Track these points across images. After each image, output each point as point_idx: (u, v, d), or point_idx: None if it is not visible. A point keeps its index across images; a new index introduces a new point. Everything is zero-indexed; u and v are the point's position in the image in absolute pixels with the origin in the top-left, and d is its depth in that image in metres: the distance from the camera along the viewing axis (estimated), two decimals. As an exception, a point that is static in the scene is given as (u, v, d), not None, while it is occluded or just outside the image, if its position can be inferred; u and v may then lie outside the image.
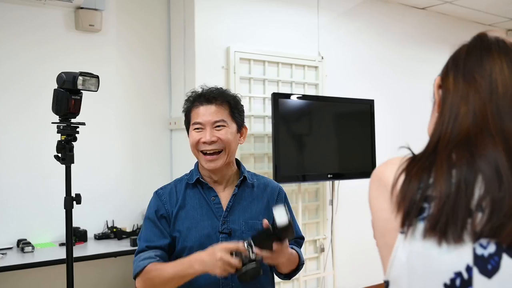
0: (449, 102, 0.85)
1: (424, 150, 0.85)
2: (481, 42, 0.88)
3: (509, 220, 0.73)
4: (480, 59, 0.85)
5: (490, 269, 0.73)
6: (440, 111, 0.87)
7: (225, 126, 1.65)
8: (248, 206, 1.69)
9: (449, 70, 0.89)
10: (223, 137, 1.63)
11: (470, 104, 0.83)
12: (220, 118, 1.65)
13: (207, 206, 1.66)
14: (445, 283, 0.76)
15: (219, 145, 1.63)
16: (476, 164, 0.77)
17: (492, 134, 0.79)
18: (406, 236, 0.79)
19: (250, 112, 3.80)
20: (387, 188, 0.83)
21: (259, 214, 1.68)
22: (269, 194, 1.74)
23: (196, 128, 1.67)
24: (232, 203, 1.68)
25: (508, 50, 0.85)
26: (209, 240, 1.61)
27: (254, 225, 1.66)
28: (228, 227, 1.64)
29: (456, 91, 0.85)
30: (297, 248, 1.76)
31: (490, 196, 0.74)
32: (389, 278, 0.82)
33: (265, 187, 1.75)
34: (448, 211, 0.75)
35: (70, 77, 1.99)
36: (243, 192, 1.70)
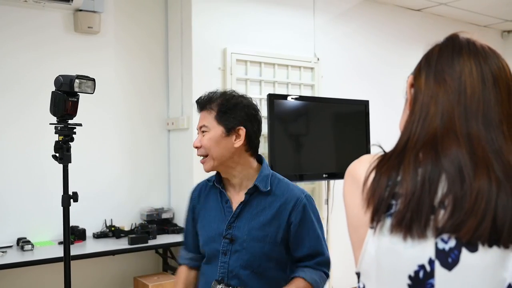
0: (420, 101, 0.88)
1: (394, 149, 0.88)
2: (453, 43, 0.91)
3: (469, 218, 0.77)
4: (451, 60, 0.88)
5: (451, 262, 0.78)
6: (411, 110, 0.90)
7: (207, 131, 1.67)
8: (257, 215, 1.65)
9: (422, 70, 0.91)
10: (203, 143, 1.66)
11: (439, 105, 0.86)
12: (202, 123, 1.68)
13: (220, 209, 1.70)
14: (410, 275, 0.81)
15: (202, 150, 1.67)
16: (441, 163, 0.81)
17: (458, 136, 0.82)
18: (375, 231, 0.83)
19: (247, 112, 3.85)
20: (359, 185, 0.87)
21: (265, 225, 1.64)
22: (282, 206, 1.65)
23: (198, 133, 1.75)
24: (240, 210, 1.66)
25: (477, 52, 0.88)
26: (214, 243, 1.67)
27: (258, 236, 1.63)
28: (232, 233, 1.65)
29: (427, 91, 0.88)
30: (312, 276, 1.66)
31: (452, 194, 0.79)
32: (360, 270, 0.88)
33: (282, 196, 1.66)
34: (413, 207, 0.79)
35: (67, 80, 2.05)
36: (254, 200, 1.66)
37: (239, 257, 1.63)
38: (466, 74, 0.86)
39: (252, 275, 1.62)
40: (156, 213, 3.72)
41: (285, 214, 1.64)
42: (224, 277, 1.63)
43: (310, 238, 1.67)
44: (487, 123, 0.83)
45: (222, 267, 1.64)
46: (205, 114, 1.69)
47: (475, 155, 0.80)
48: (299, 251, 1.67)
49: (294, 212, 1.64)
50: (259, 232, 1.62)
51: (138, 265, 3.71)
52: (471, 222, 0.77)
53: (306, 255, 1.67)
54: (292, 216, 1.64)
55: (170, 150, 3.98)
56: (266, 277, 1.64)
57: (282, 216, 1.64)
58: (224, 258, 1.64)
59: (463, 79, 0.86)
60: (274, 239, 1.63)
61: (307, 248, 1.67)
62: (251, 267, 1.62)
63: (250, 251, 1.62)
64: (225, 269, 1.64)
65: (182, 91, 3.80)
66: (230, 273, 1.63)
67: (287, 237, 1.65)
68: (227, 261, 1.63)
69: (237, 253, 1.63)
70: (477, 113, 0.84)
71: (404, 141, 0.87)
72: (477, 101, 0.84)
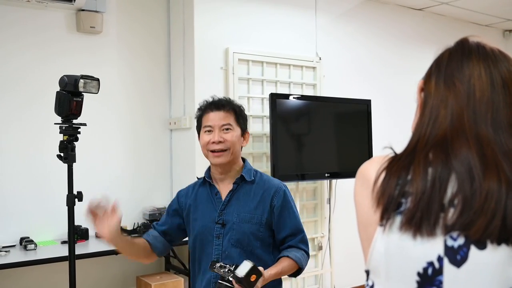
0: (430, 105, 0.90)
1: (404, 150, 0.90)
2: (463, 47, 0.92)
3: (479, 217, 0.78)
4: (460, 65, 0.89)
5: (459, 259, 0.79)
6: (421, 113, 0.92)
7: (231, 129, 1.90)
8: (244, 201, 1.90)
9: (432, 74, 0.93)
10: (229, 139, 1.88)
11: (449, 108, 0.87)
12: (227, 122, 1.90)
13: (211, 200, 1.93)
14: (418, 271, 0.82)
15: (225, 145, 1.88)
16: (451, 163, 0.82)
17: (467, 137, 0.84)
18: (385, 229, 0.85)
19: (249, 112, 3.86)
20: (370, 185, 0.89)
21: (252, 208, 1.89)
22: (265, 192, 1.91)
23: (206, 130, 1.91)
24: (229, 197, 1.91)
25: (487, 55, 0.89)
26: (208, 230, 1.89)
27: (246, 217, 1.87)
28: (223, 218, 1.88)
29: (436, 95, 0.90)
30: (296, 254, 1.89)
31: (462, 193, 0.80)
32: (369, 268, 0.89)
33: (263, 185, 1.93)
34: (423, 206, 0.81)
35: (72, 80, 2.06)
36: (241, 189, 1.91)
37: (230, 237, 1.85)
38: (475, 78, 0.87)
39: (242, 252, 1.84)
40: (159, 212, 3.73)
41: (268, 199, 1.89)
42: (219, 257, 1.84)
43: (291, 219, 1.92)
44: (496, 126, 0.84)
45: (216, 249, 1.86)
46: (225, 114, 1.91)
47: (484, 156, 0.82)
48: (282, 232, 1.90)
49: (276, 197, 1.90)
50: (246, 214, 1.87)
51: (141, 264, 3.71)
52: (481, 221, 0.78)
53: (289, 234, 1.91)
54: (274, 200, 1.90)
55: (172, 149, 3.98)
56: (254, 255, 1.84)
57: (266, 201, 1.89)
58: (217, 241, 1.87)
59: (472, 83, 0.87)
60: (260, 220, 1.87)
61: (289, 228, 1.91)
62: (241, 245, 1.85)
63: (239, 231, 1.85)
64: (219, 250, 1.86)
65: (184, 91, 3.80)
66: (224, 253, 1.85)
67: (271, 220, 1.89)
68: (221, 243, 1.86)
69: (228, 234, 1.86)
70: (486, 115, 0.85)
71: (414, 142, 0.89)
72: (486, 104, 0.86)
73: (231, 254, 1.84)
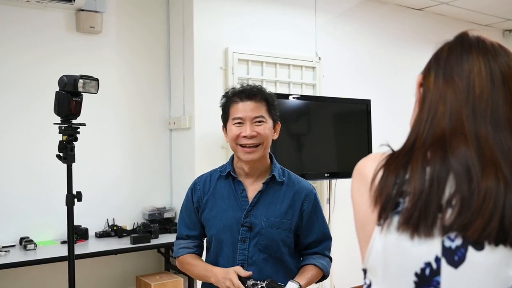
0: (429, 100, 0.88)
1: (402, 147, 0.88)
2: (462, 41, 0.90)
3: (477, 218, 0.77)
4: (460, 59, 0.87)
5: (457, 260, 0.79)
6: (419, 109, 0.90)
7: (264, 121, 1.74)
8: (273, 203, 1.75)
9: (431, 69, 0.91)
10: (262, 132, 1.72)
11: (448, 104, 0.86)
12: (259, 114, 1.73)
13: (234, 198, 1.76)
14: (416, 272, 0.81)
15: (258, 139, 1.72)
16: (449, 163, 0.81)
17: (466, 136, 0.82)
18: (382, 229, 0.84)
19: (248, 112, 3.86)
20: (367, 183, 0.87)
21: (282, 213, 1.75)
22: (296, 196, 1.78)
23: (236, 122, 1.74)
24: (257, 198, 1.75)
25: (487, 50, 0.87)
26: (230, 231, 1.74)
27: (275, 222, 1.73)
28: (250, 221, 1.73)
29: (435, 90, 0.88)
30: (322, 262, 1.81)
31: (460, 194, 0.79)
32: (367, 267, 0.88)
33: (293, 187, 1.79)
34: (421, 206, 0.80)
35: (71, 80, 2.06)
36: (270, 189, 1.77)
37: (257, 242, 1.71)
38: (475, 73, 0.85)
39: (269, 258, 1.72)
40: (158, 212, 3.73)
41: (298, 202, 1.76)
42: (244, 263, 1.71)
43: (319, 224, 1.81)
44: (496, 123, 0.83)
45: (241, 254, 1.72)
46: (257, 105, 1.74)
47: (483, 155, 0.81)
48: (309, 237, 1.79)
49: (307, 201, 1.78)
50: (276, 219, 1.73)
51: (140, 264, 3.72)
52: (479, 222, 0.77)
53: (316, 240, 1.80)
54: (305, 204, 1.77)
55: (172, 149, 3.98)
56: (281, 262, 1.75)
57: (296, 204, 1.76)
58: (243, 245, 1.72)
59: (471, 78, 0.85)
60: (289, 225, 1.74)
61: (316, 233, 1.80)
62: (268, 251, 1.72)
63: (268, 237, 1.71)
64: (245, 255, 1.72)
65: (184, 91, 3.80)
66: (250, 258, 1.71)
67: (299, 224, 1.77)
68: (246, 247, 1.72)
69: (255, 238, 1.71)
70: (486, 112, 0.83)
71: (412, 140, 0.87)
72: (485, 100, 0.84)
73: (258, 260, 1.71)
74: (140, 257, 3.72)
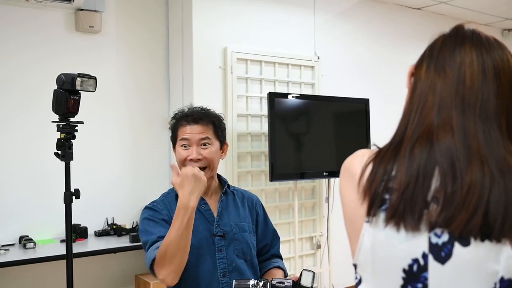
0: (419, 90, 0.88)
1: (392, 140, 0.88)
2: (457, 34, 0.90)
3: (460, 212, 0.77)
4: (452, 51, 0.87)
5: (444, 256, 0.79)
6: (409, 98, 0.90)
7: (209, 144, 1.77)
8: (234, 211, 1.84)
9: (424, 59, 0.91)
10: (207, 156, 1.75)
11: (437, 95, 0.85)
12: (205, 136, 1.76)
13: (199, 213, 1.73)
14: (404, 268, 0.82)
15: (204, 162, 1.75)
16: (436, 157, 0.81)
17: (453, 128, 0.82)
18: (371, 225, 0.85)
19: (247, 111, 3.88)
20: (355, 179, 0.88)
21: (244, 218, 1.85)
22: (249, 202, 1.91)
23: (183, 144, 1.77)
24: (221, 208, 1.81)
25: (481, 43, 0.86)
26: (206, 242, 1.73)
27: (243, 226, 1.82)
28: (221, 230, 1.77)
29: (426, 80, 0.87)
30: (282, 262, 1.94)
31: (444, 189, 0.79)
32: (357, 262, 0.89)
33: (243, 196, 1.91)
34: (407, 200, 0.80)
35: (69, 79, 2.07)
36: (227, 199, 1.86)
37: (234, 248, 1.76)
38: (466, 65, 0.84)
39: (245, 263, 1.78)
40: (157, 211, 3.74)
41: (253, 208, 1.89)
42: (225, 271, 1.72)
43: (270, 224, 1.96)
44: (485, 116, 0.82)
45: (221, 263, 1.73)
46: (204, 128, 1.77)
47: (469, 148, 0.80)
48: (266, 239, 1.92)
49: (257, 206, 1.92)
50: (242, 223, 1.82)
51: (139, 263, 3.72)
52: (462, 216, 0.77)
53: (270, 241, 1.93)
54: (257, 208, 1.91)
55: (171, 148, 3.98)
56: (253, 266, 1.82)
57: (251, 210, 1.89)
58: (221, 254, 1.74)
59: (462, 70, 0.84)
60: (253, 229, 1.86)
61: (270, 234, 1.93)
62: (244, 255, 1.78)
63: (242, 241, 1.79)
64: (225, 263, 1.73)
65: (183, 90, 3.81)
66: (230, 265, 1.73)
67: (256, 228, 1.89)
68: (225, 255, 1.74)
69: (230, 245, 1.76)
70: (475, 105, 0.82)
71: (401, 131, 0.87)
72: (475, 93, 0.83)
73: (238, 265, 1.74)
74: (139, 256, 3.72)
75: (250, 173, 3.87)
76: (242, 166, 3.83)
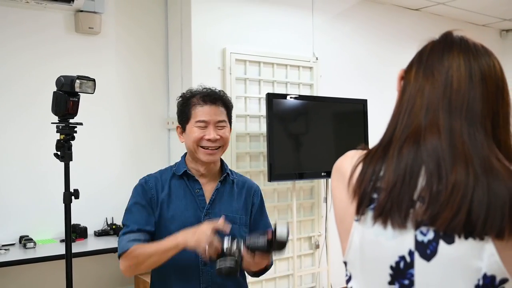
0: (408, 93, 0.91)
1: (381, 141, 0.92)
2: (446, 40, 0.93)
3: (444, 209, 0.80)
4: (441, 56, 0.90)
5: (429, 253, 0.82)
6: (398, 101, 0.93)
7: (225, 126, 1.81)
8: (229, 201, 1.82)
9: (413, 64, 0.95)
10: (224, 136, 1.80)
11: (425, 98, 0.88)
12: (222, 118, 1.81)
13: (191, 197, 1.78)
14: (391, 265, 0.85)
15: (220, 142, 1.79)
16: (422, 157, 0.84)
17: (440, 129, 0.85)
18: (360, 223, 0.88)
19: (246, 112, 3.90)
20: (345, 179, 0.91)
21: (238, 209, 1.82)
22: (246, 192, 1.87)
23: (200, 126, 1.77)
24: (214, 196, 1.80)
25: (468, 49, 0.90)
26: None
27: (234, 218, 1.78)
28: (210, 218, 1.73)
29: (415, 84, 0.91)
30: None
31: (430, 188, 0.82)
32: (347, 260, 0.92)
33: (243, 185, 1.88)
34: (393, 199, 0.83)
35: (68, 80, 2.10)
36: (224, 188, 1.83)
37: None
38: (454, 69, 0.88)
39: None
40: (157, 211, 3.76)
41: (249, 198, 1.86)
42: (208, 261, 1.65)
43: (265, 218, 1.91)
44: (470, 118, 0.85)
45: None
46: (220, 109, 1.81)
47: (455, 148, 0.83)
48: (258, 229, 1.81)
49: (255, 196, 1.89)
50: (234, 215, 1.79)
51: (139, 262, 3.74)
52: (446, 214, 0.80)
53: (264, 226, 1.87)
54: (254, 199, 1.88)
55: (170, 149, 4.02)
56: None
57: (247, 200, 1.86)
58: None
59: (450, 74, 0.88)
60: (246, 221, 1.82)
61: (263, 225, 1.87)
62: None
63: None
64: None
65: (182, 91, 3.76)
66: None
67: (250, 217, 1.85)
68: None
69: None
70: (462, 107, 0.86)
71: (390, 132, 0.91)
72: (462, 95, 0.86)
73: None
74: (138, 256, 3.75)
75: (248, 173, 3.89)
76: (240, 166, 3.85)
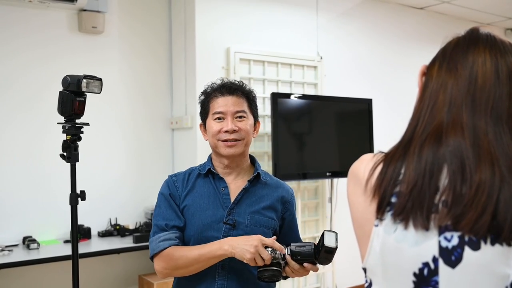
0: (430, 89, 0.88)
1: (402, 139, 0.88)
2: (471, 35, 0.90)
3: (469, 210, 0.77)
4: (466, 51, 0.87)
5: (454, 260, 0.79)
6: (420, 97, 0.90)
7: (245, 117, 1.69)
8: (256, 202, 1.69)
9: (437, 59, 0.91)
10: (243, 127, 1.67)
11: (448, 94, 0.85)
12: (241, 108, 1.68)
13: (215, 195, 1.67)
14: (414, 272, 0.82)
15: (239, 134, 1.66)
16: (444, 155, 0.81)
17: (463, 127, 0.82)
18: (379, 229, 0.85)
19: (250, 111, 3.87)
20: (362, 182, 0.88)
21: (267, 212, 1.69)
22: (280, 196, 1.73)
23: (216, 118, 1.68)
24: (241, 196, 1.68)
25: (494, 44, 0.86)
26: (210, 230, 1.62)
27: (260, 221, 1.66)
28: (233, 218, 1.64)
29: (437, 79, 0.87)
30: None
31: (453, 187, 0.79)
32: (366, 266, 0.89)
33: (276, 187, 1.75)
34: (415, 197, 0.80)
35: (75, 80, 2.07)
36: (254, 188, 1.70)
37: None
38: (479, 65, 0.84)
39: None
40: (161, 211, 3.74)
41: (282, 205, 1.73)
42: (225, 263, 1.60)
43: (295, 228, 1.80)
44: (496, 117, 0.81)
45: None
46: (239, 100, 1.69)
47: (479, 147, 0.80)
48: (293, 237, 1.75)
49: (289, 204, 1.76)
50: (259, 217, 1.67)
51: (143, 263, 3.72)
52: (471, 215, 0.77)
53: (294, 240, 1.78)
54: (288, 205, 1.75)
55: (174, 149, 4.00)
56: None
57: (279, 205, 1.72)
58: None
59: (475, 69, 0.84)
60: (274, 226, 1.70)
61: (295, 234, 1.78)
62: None
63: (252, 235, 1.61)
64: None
65: (186, 90, 3.81)
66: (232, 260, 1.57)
67: (280, 225, 1.73)
68: None
69: None
70: (487, 105, 0.82)
71: (411, 130, 0.87)
72: (487, 92, 0.83)
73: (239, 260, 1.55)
74: (142, 256, 3.72)
75: (253, 174, 3.87)
76: (245, 166, 3.83)
